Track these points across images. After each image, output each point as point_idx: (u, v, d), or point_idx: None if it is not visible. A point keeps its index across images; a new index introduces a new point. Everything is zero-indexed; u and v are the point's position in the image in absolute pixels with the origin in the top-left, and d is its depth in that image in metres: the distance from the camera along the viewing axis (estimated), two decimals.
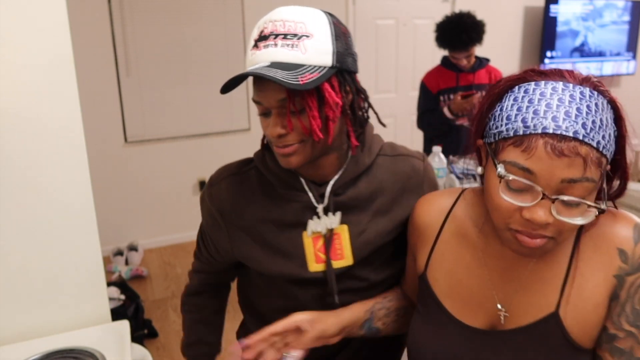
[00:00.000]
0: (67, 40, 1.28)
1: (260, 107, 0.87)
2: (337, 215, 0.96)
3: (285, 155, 0.87)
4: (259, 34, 0.84)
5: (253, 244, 0.99)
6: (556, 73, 0.69)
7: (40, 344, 1.32)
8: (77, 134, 1.33)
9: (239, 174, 1.01)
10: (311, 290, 1.00)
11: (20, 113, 1.26)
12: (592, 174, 0.64)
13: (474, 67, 2.79)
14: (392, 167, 1.02)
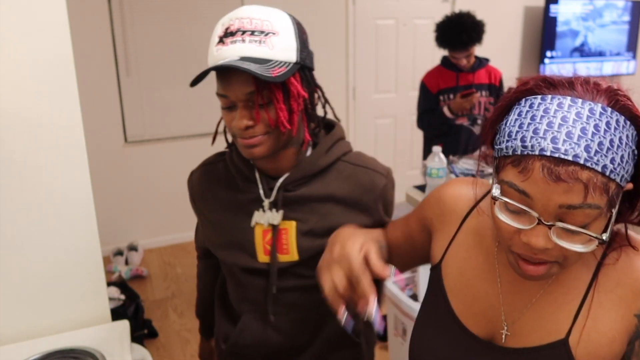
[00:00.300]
0: (67, 40, 1.28)
1: (225, 101, 0.90)
2: (280, 212, 0.99)
3: (250, 146, 0.91)
4: (224, 30, 0.87)
5: (214, 231, 1.07)
6: (568, 85, 0.63)
7: (40, 344, 1.32)
8: (77, 134, 1.33)
9: (210, 164, 1.09)
10: (257, 280, 1.05)
11: (20, 113, 1.26)
12: (596, 200, 0.58)
13: (474, 66, 2.79)
14: (351, 176, 1.02)
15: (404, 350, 2.25)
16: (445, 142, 2.74)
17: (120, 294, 2.73)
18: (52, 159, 1.31)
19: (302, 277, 1.03)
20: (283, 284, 1.03)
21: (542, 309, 0.75)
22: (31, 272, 1.35)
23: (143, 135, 3.69)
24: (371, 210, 1.04)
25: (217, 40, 0.88)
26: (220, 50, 0.87)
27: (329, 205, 1.00)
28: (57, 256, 1.37)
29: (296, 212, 1.00)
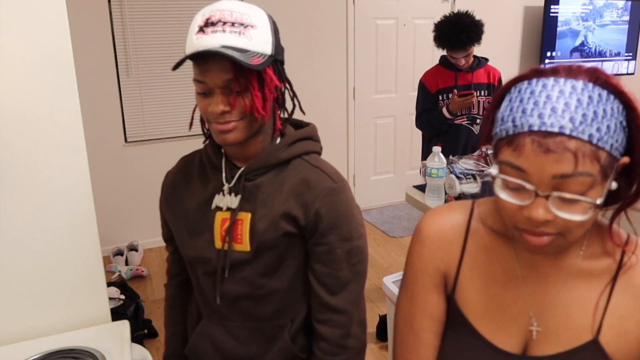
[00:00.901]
0: (67, 41, 1.28)
1: (202, 87, 0.94)
2: (238, 197, 1.03)
3: (225, 131, 0.95)
4: (205, 20, 0.92)
5: (177, 222, 1.11)
6: (553, 70, 0.68)
7: (40, 344, 1.32)
8: (77, 134, 1.33)
9: (188, 156, 1.15)
10: (206, 267, 1.08)
11: (20, 113, 1.26)
12: (587, 167, 0.62)
13: (473, 66, 2.79)
14: (302, 172, 1.04)
15: None
16: (444, 142, 2.74)
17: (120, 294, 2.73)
18: (52, 159, 1.31)
19: (254, 286, 1.05)
20: (236, 289, 1.06)
21: (569, 305, 0.76)
22: (31, 272, 1.35)
23: (143, 135, 3.69)
24: (309, 207, 1.01)
25: (197, 29, 0.92)
26: (200, 39, 0.91)
27: (278, 197, 1.03)
28: (57, 256, 1.37)
29: (251, 204, 1.03)
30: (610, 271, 0.76)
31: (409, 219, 4.31)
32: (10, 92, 1.24)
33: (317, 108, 4.18)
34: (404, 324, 0.87)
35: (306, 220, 1.02)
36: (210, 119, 0.96)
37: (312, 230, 1.03)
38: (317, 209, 1.01)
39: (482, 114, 2.82)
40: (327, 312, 1.06)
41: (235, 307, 1.08)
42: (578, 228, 0.67)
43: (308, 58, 4.05)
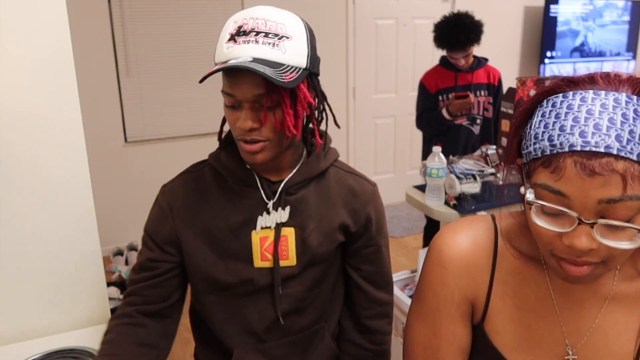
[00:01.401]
0: (67, 41, 1.28)
1: (230, 100, 0.88)
2: (287, 210, 0.97)
3: (252, 152, 0.89)
4: (237, 28, 0.85)
5: (200, 244, 0.99)
6: (588, 80, 0.61)
7: (40, 344, 1.32)
8: (77, 134, 1.33)
9: (192, 172, 1.03)
10: (255, 300, 1.00)
11: (20, 113, 1.26)
12: (636, 190, 0.55)
13: (473, 66, 2.79)
14: (343, 180, 1.04)
15: None
16: (444, 142, 2.75)
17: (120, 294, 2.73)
18: (52, 159, 1.31)
19: (299, 300, 1.02)
20: (282, 307, 1.01)
21: (606, 331, 0.71)
22: (31, 272, 1.35)
23: (143, 135, 3.69)
24: (359, 214, 1.04)
25: (229, 37, 0.86)
26: (231, 49, 0.85)
27: (324, 209, 1.01)
28: (57, 256, 1.37)
29: (294, 219, 0.98)
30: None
31: (409, 219, 4.31)
32: (10, 92, 1.24)
33: None
34: (427, 355, 0.78)
35: (357, 227, 1.05)
36: (238, 134, 0.90)
37: (360, 235, 1.06)
38: (368, 214, 1.05)
39: (482, 114, 2.82)
40: (376, 307, 1.11)
41: (276, 326, 1.03)
42: (622, 255, 0.61)
43: None
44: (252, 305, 1.01)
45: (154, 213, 1.03)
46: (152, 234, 1.03)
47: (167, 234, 1.01)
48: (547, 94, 0.64)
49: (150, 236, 1.03)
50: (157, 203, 1.03)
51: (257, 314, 1.01)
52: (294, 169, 1.00)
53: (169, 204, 1.00)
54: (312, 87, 0.94)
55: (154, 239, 1.02)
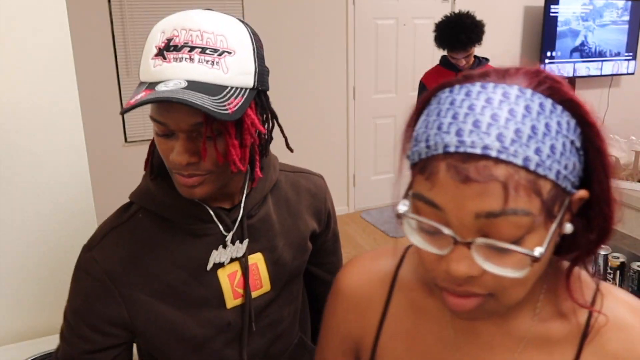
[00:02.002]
0: (67, 41, 1.28)
1: (162, 128, 0.72)
2: (244, 243, 0.84)
3: (189, 186, 0.74)
4: (166, 41, 0.71)
5: (161, 305, 0.82)
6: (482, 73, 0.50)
7: (40, 344, 1.32)
8: (77, 134, 1.33)
9: (123, 224, 0.83)
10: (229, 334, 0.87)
11: (20, 113, 1.26)
12: (521, 204, 0.44)
13: (473, 66, 2.79)
14: (295, 184, 0.95)
15: None
16: None
17: None
18: (52, 158, 1.31)
19: (278, 322, 0.93)
20: (261, 339, 0.91)
21: None
22: (31, 272, 1.35)
23: (143, 135, 3.69)
24: (321, 214, 0.99)
25: (156, 51, 0.70)
26: (159, 67, 0.69)
27: (286, 221, 0.92)
28: (57, 256, 1.37)
29: (259, 242, 0.87)
30: (574, 336, 0.56)
31: None
32: (11, 92, 1.24)
33: (317, 108, 4.17)
34: None
35: (321, 227, 1.00)
36: (172, 167, 0.74)
37: (323, 232, 1.02)
38: (327, 210, 1.01)
39: None
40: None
41: (268, 355, 0.93)
42: (516, 287, 0.49)
43: (308, 58, 4.05)
44: (235, 351, 0.88)
45: (85, 290, 0.80)
46: (86, 317, 0.80)
47: (112, 313, 0.80)
48: (437, 88, 0.53)
49: (83, 320, 0.80)
50: (86, 276, 0.81)
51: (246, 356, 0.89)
52: (243, 189, 0.85)
53: (106, 273, 0.79)
54: (260, 108, 0.78)
55: (92, 323, 0.80)
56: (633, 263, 1.71)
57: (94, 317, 0.80)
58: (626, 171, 1.98)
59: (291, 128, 4.10)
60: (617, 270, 1.70)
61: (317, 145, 4.23)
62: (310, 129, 4.17)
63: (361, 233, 4.12)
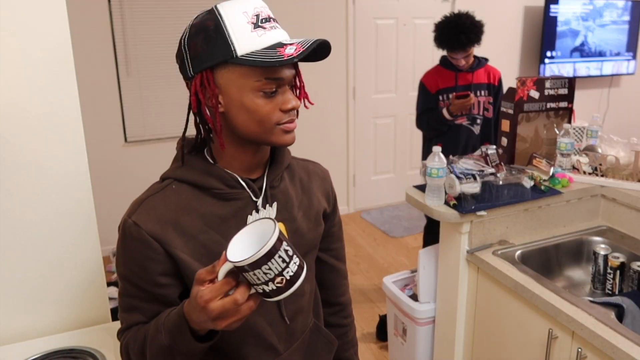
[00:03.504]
0: (67, 41, 1.28)
1: (274, 84, 0.84)
2: (274, 205, 0.95)
3: (292, 130, 0.89)
4: (255, 17, 0.84)
5: (197, 263, 0.88)
6: None
7: (40, 344, 1.32)
8: (77, 133, 1.33)
9: (156, 193, 0.92)
10: (262, 310, 0.94)
11: (20, 113, 1.26)
12: None
13: (473, 66, 2.79)
14: (305, 168, 1.06)
15: (404, 350, 2.25)
16: (444, 142, 2.74)
17: None
18: (52, 158, 1.31)
19: (299, 296, 1.00)
20: (291, 307, 0.99)
21: None
22: (31, 272, 1.35)
23: (143, 135, 3.69)
24: (329, 196, 1.08)
25: (252, 26, 0.83)
26: (264, 35, 0.83)
27: (304, 197, 1.02)
28: (57, 256, 1.37)
29: (281, 213, 0.96)
30: None
31: (409, 219, 4.31)
32: (11, 92, 1.24)
33: (317, 108, 4.17)
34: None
35: (330, 208, 1.09)
36: (280, 118, 0.86)
37: (330, 215, 1.10)
38: (333, 194, 1.10)
39: (482, 114, 2.82)
40: (345, 281, 1.18)
41: (286, 332, 0.99)
42: None
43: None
44: (261, 317, 0.95)
45: (133, 252, 0.87)
46: (141, 277, 0.88)
47: (164, 267, 0.88)
48: None
49: (140, 278, 0.88)
50: (132, 240, 0.87)
51: (268, 325, 0.96)
52: (266, 164, 0.97)
53: (149, 234, 0.86)
54: None
55: (148, 279, 0.88)
56: (633, 263, 1.71)
57: (150, 275, 0.87)
58: (626, 171, 1.98)
59: None
60: (617, 270, 1.70)
61: (317, 145, 4.23)
62: (310, 129, 4.17)
63: (361, 233, 4.12)
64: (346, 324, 1.19)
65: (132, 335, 0.90)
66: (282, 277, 0.71)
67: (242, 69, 0.83)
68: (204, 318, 0.74)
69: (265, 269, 0.69)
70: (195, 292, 0.74)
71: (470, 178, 1.86)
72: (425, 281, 2.09)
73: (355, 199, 4.54)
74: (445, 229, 1.95)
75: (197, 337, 0.80)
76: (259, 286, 0.72)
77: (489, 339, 1.85)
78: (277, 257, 0.70)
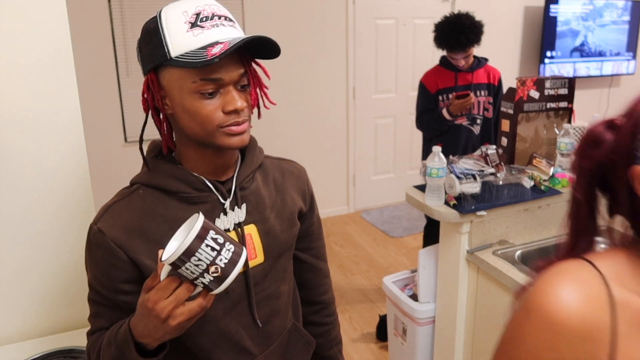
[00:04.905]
0: (67, 41, 1.28)
1: (213, 85, 0.81)
2: (243, 207, 0.93)
3: (244, 131, 0.85)
4: (194, 16, 0.81)
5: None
6: None
7: (40, 344, 1.32)
8: (77, 134, 1.33)
9: (122, 199, 0.92)
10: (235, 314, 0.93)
11: (20, 113, 1.26)
12: None
13: (473, 66, 2.79)
14: (279, 167, 1.04)
15: (404, 350, 2.25)
16: (444, 142, 2.74)
17: None
18: (52, 158, 1.31)
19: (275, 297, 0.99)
20: (264, 310, 0.97)
21: None
22: (31, 272, 1.35)
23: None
24: (305, 194, 1.07)
25: (188, 26, 0.80)
26: (202, 34, 0.79)
27: (277, 197, 1.00)
28: (57, 256, 1.37)
29: (253, 215, 0.94)
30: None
31: (409, 219, 4.31)
32: (11, 92, 1.25)
33: (317, 108, 4.17)
34: None
35: (306, 207, 1.07)
36: (223, 121, 0.83)
37: (307, 214, 1.08)
38: (310, 192, 1.08)
39: (482, 114, 2.82)
40: (326, 280, 1.16)
41: (260, 335, 0.98)
42: None
43: (308, 58, 4.05)
44: (234, 320, 0.94)
45: (98, 260, 0.87)
46: (106, 284, 0.87)
47: (128, 275, 0.87)
48: None
49: (104, 286, 0.87)
50: (97, 248, 0.86)
51: (241, 329, 0.95)
52: (236, 165, 0.95)
53: (113, 241, 0.85)
54: None
55: (112, 287, 0.87)
56: None
57: (113, 282, 0.87)
58: None
59: (291, 128, 4.11)
60: None
61: (317, 145, 4.23)
62: (310, 129, 4.17)
63: (361, 233, 4.12)
64: (329, 322, 1.18)
65: (93, 342, 0.90)
66: (216, 265, 0.71)
67: (178, 70, 0.81)
68: (155, 322, 0.74)
69: (195, 260, 0.69)
70: (142, 299, 0.75)
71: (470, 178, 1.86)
72: (425, 281, 2.09)
73: (355, 199, 4.54)
74: (445, 229, 1.95)
75: (143, 352, 0.80)
76: (197, 280, 0.72)
77: (488, 339, 1.85)
78: (205, 247, 0.70)
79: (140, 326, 0.76)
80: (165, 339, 0.78)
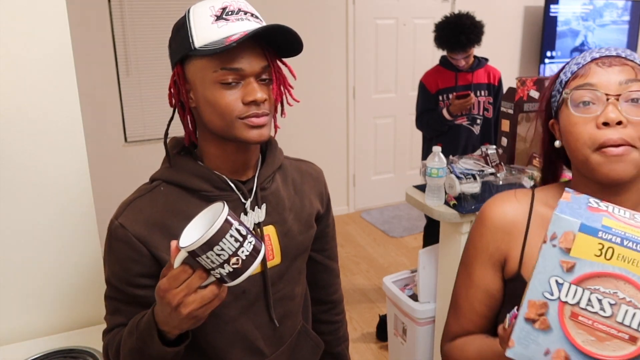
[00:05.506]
0: (67, 41, 1.28)
1: (233, 76, 0.81)
2: (263, 208, 0.92)
3: (262, 125, 0.84)
4: (221, 10, 0.83)
5: None
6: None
7: (40, 344, 1.32)
8: (77, 134, 1.33)
9: (144, 195, 0.90)
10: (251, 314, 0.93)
11: (20, 113, 1.26)
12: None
13: (473, 66, 2.79)
14: (298, 169, 1.04)
15: (404, 350, 2.25)
16: (444, 142, 2.74)
17: None
18: (52, 158, 1.31)
19: (290, 298, 0.99)
20: (279, 310, 0.97)
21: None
22: (31, 272, 1.35)
23: (143, 135, 3.69)
24: (323, 197, 1.07)
25: (214, 19, 0.82)
26: (226, 26, 0.81)
27: (296, 199, 0.99)
28: (57, 256, 1.37)
29: (272, 215, 0.94)
30: None
31: (409, 219, 4.31)
32: (11, 92, 1.24)
33: (317, 108, 4.17)
34: (460, 295, 0.92)
35: (324, 209, 1.07)
36: (243, 112, 0.83)
37: (324, 216, 1.08)
38: (327, 194, 1.09)
39: (482, 114, 2.82)
40: (337, 280, 1.17)
41: (274, 336, 0.98)
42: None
43: (308, 58, 4.05)
44: (250, 320, 0.94)
45: (119, 255, 0.87)
46: (126, 279, 0.87)
47: (148, 270, 0.87)
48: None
49: (124, 281, 0.87)
50: (117, 242, 0.87)
51: (256, 329, 0.95)
52: (257, 165, 0.95)
53: (135, 236, 0.86)
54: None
55: (132, 282, 0.87)
56: None
57: (132, 276, 0.87)
58: None
59: (291, 128, 4.10)
60: None
61: (317, 145, 4.23)
62: (310, 129, 4.17)
63: (361, 233, 4.12)
64: (338, 320, 1.20)
65: (111, 338, 0.89)
66: (237, 257, 0.69)
67: (201, 61, 0.83)
68: (167, 310, 0.73)
69: (218, 250, 0.68)
70: (157, 287, 0.74)
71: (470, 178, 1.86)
72: (425, 281, 2.09)
73: (355, 199, 4.54)
74: (445, 229, 1.95)
75: (166, 341, 0.79)
76: (215, 270, 0.70)
77: None
78: (229, 237, 0.68)
79: (159, 314, 0.76)
80: (184, 329, 0.76)
